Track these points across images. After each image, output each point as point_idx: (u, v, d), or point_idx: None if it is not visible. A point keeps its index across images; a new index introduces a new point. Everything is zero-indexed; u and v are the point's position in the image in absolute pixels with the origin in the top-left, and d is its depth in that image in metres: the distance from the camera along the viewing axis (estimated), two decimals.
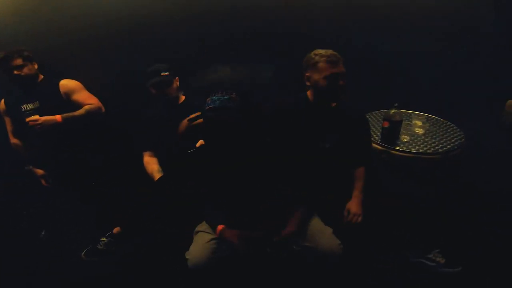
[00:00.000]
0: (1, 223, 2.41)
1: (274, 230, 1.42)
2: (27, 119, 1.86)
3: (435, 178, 2.19)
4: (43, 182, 2.17)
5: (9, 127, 2.12)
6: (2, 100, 2.09)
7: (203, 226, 1.54)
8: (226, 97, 1.37)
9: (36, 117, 1.87)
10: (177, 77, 2.00)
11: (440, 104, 2.52)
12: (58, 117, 1.93)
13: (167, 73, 1.93)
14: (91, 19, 2.20)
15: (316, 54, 1.56)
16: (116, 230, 2.12)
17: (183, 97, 2.07)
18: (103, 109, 2.11)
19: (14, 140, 2.13)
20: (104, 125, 2.26)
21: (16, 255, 2.18)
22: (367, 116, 2.12)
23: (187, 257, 1.43)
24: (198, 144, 1.82)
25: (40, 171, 2.16)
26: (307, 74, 1.62)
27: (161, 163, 2.04)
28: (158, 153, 2.06)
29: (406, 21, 2.43)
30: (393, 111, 1.95)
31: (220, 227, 1.42)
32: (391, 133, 2.02)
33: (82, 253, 2.10)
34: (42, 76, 2.08)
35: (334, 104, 1.69)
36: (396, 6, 2.44)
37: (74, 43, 2.23)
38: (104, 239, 2.11)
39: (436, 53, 2.51)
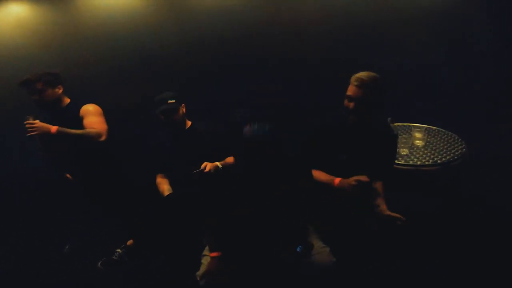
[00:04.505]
0: (30, 238, 2.64)
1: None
2: (25, 122, 1.89)
3: (435, 190, 2.20)
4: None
5: (39, 145, 2.15)
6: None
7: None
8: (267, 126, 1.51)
9: (35, 121, 1.91)
10: (183, 104, 2.15)
11: (442, 115, 2.55)
12: (53, 128, 1.93)
13: (173, 101, 2.08)
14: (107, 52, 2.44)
15: (354, 75, 1.63)
16: (129, 242, 2.30)
17: (189, 123, 2.22)
18: (103, 138, 2.08)
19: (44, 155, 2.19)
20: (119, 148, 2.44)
21: (42, 266, 2.38)
22: None
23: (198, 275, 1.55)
24: (202, 166, 1.96)
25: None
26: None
27: (172, 183, 2.19)
28: (168, 174, 2.22)
29: (400, 35, 2.51)
30: None
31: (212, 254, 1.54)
32: None
33: (99, 263, 2.29)
34: (68, 100, 2.17)
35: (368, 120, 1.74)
36: (391, 22, 2.53)
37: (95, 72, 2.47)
38: (119, 250, 2.29)
39: (433, 64, 2.56)
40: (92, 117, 2.14)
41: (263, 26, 2.46)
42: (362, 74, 1.61)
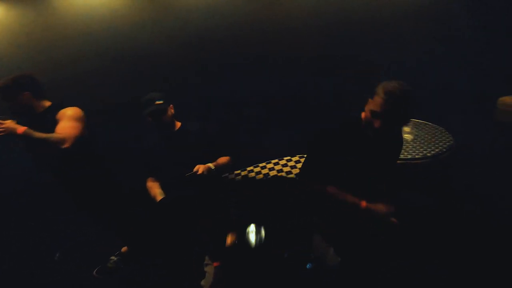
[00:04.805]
0: (19, 246, 2.57)
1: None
2: None
3: (428, 184, 2.24)
4: None
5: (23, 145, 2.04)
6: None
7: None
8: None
9: (4, 121, 1.77)
10: (171, 105, 2.09)
11: (428, 109, 2.59)
12: (20, 129, 1.78)
13: (161, 101, 2.01)
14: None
15: (384, 87, 1.39)
16: (124, 249, 2.25)
17: (178, 124, 2.15)
18: (66, 145, 1.88)
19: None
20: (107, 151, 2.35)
21: (37, 267, 2.34)
22: None
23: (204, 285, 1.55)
24: (195, 169, 1.91)
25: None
26: (371, 99, 1.46)
27: (163, 186, 2.12)
28: (159, 178, 2.15)
29: (390, 31, 2.52)
30: None
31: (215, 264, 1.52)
32: None
33: (94, 271, 2.23)
34: (48, 103, 2.03)
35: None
36: (382, 19, 2.53)
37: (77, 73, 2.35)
38: (113, 257, 2.24)
39: (420, 58, 2.59)
40: (65, 122, 1.95)
41: (258, 23, 2.40)
42: (394, 87, 1.36)
